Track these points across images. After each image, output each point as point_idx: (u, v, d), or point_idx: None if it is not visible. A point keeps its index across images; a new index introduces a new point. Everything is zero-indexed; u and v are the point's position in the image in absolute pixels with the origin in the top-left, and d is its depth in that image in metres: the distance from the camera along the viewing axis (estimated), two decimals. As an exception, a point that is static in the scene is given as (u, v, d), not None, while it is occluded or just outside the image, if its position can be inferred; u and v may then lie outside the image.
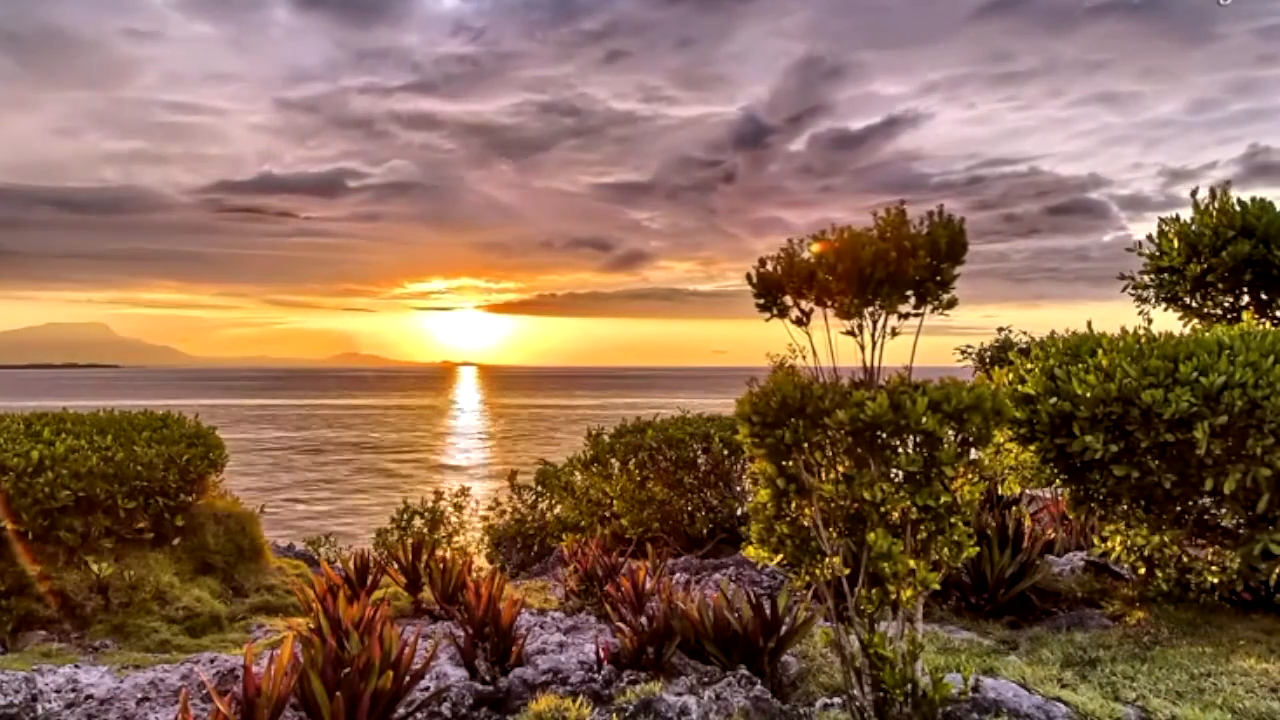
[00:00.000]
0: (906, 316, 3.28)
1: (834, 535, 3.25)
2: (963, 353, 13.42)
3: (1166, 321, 14.50)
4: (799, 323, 3.40)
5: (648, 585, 5.27)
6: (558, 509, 11.25)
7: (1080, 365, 4.93)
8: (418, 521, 11.40)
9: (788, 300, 3.40)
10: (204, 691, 4.03)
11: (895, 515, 3.15)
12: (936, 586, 3.11)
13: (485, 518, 11.95)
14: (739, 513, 9.15)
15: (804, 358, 3.40)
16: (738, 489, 9.27)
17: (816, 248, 3.29)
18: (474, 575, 5.96)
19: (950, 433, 3.10)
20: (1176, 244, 6.91)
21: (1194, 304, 7.04)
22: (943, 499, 3.09)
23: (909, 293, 3.24)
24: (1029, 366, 5.40)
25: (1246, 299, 6.79)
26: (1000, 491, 6.75)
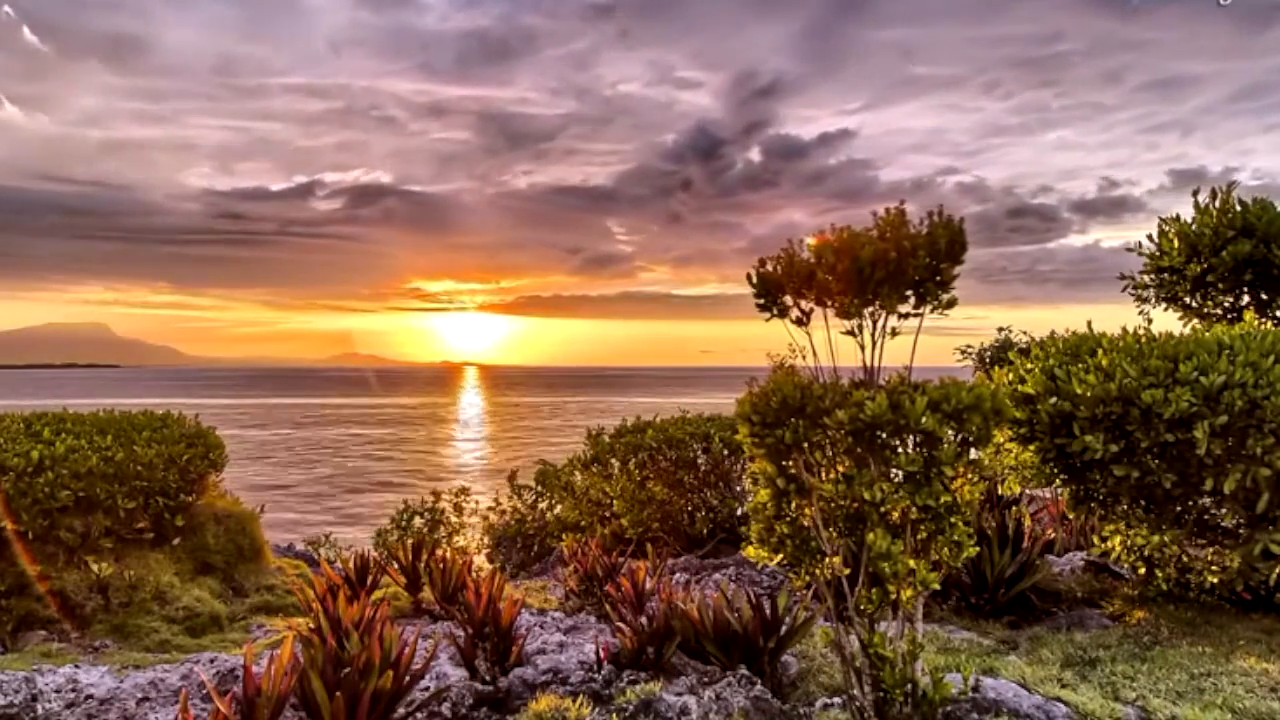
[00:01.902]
0: (906, 316, 3.28)
1: (834, 535, 3.25)
2: (963, 353, 13.44)
3: (1166, 321, 14.50)
4: (799, 323, 3.39)
5: (648, 585, 5.27)
6: (558, 509, 11.25)
7: (1080, 365, 4.93)
8: (418, 521, 11.41)
9: (788, 300, 3.40)
10: (204, 691, 4.03)
11: (895, 515, 3.15)
12: (936, 586, 3.11)
13: (485, 518, 11.96)
14: (739, 513, 9.15)
15: (804, 358, 3.40)
16: (738, 489, 9.27)
17: (814, 241, 3.29)
18: (474, 575, 5.96)
19: (950, 433, 3.09)
20: (1177, 244, 6.91)
21: (1194, 304, 7.04)
22: (943, 499, 3.08)
23: (909, 293, 3.24)
24: (1029, 366, 5.39)
25: (1246, 299, 6.79)
26: (1000, 491, 6.75)
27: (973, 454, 3.21)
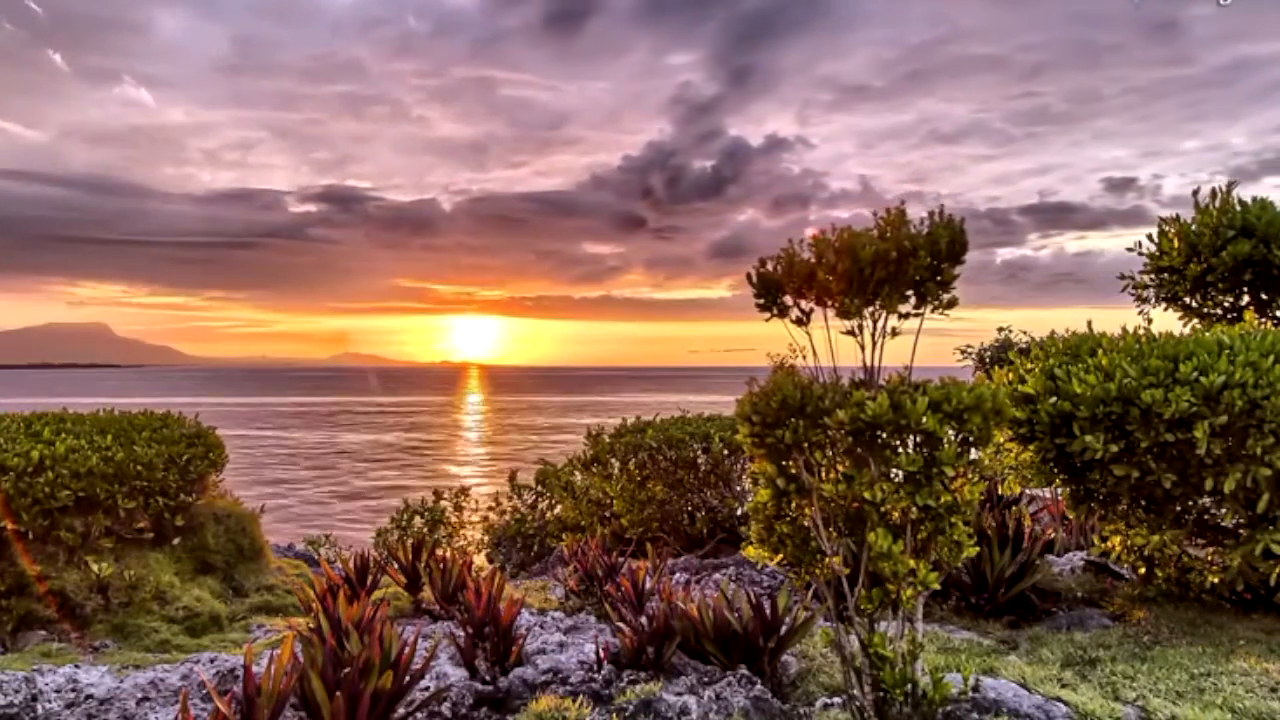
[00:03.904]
0: (906, 316, 3.28)
1: (834, 535, 3.25)
2: (963, 353, 13.46)
3: (1167, 321, 14.54)
4: (799, 323, 3.39)
5: (648, 585, 5.27)
6: (558, 509, 11.26)
7: (1080, 365, 4.93)
8: (418, 521, 11.42)
9: (788, 300, 3.40)
10: (204, 691, 4.03)
11: (895, 515, 3.15)
12: (936, 586, 3.11)
13: (485, 518, 11.97)
14: (739, 513, 9.16)
15: (804, 358, 3.40)
16: (738, 489, 9.27)
17: (811, 233, 3.29)
18: (474, 575, 5.96)
19: (950, 433, 3.09)
20: (1176, 244, 6.91)
21: (1194, 304, 7.04)
22: (943, 499, 3.08)
23: (909, 293, 3.24)
24: (1029, 366, 5.40)
25: (1246, 299, 6.79)
26: (1000, 491, 6.75)
27: (973, 454, 3.21)
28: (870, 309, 3.25)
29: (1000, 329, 13.50)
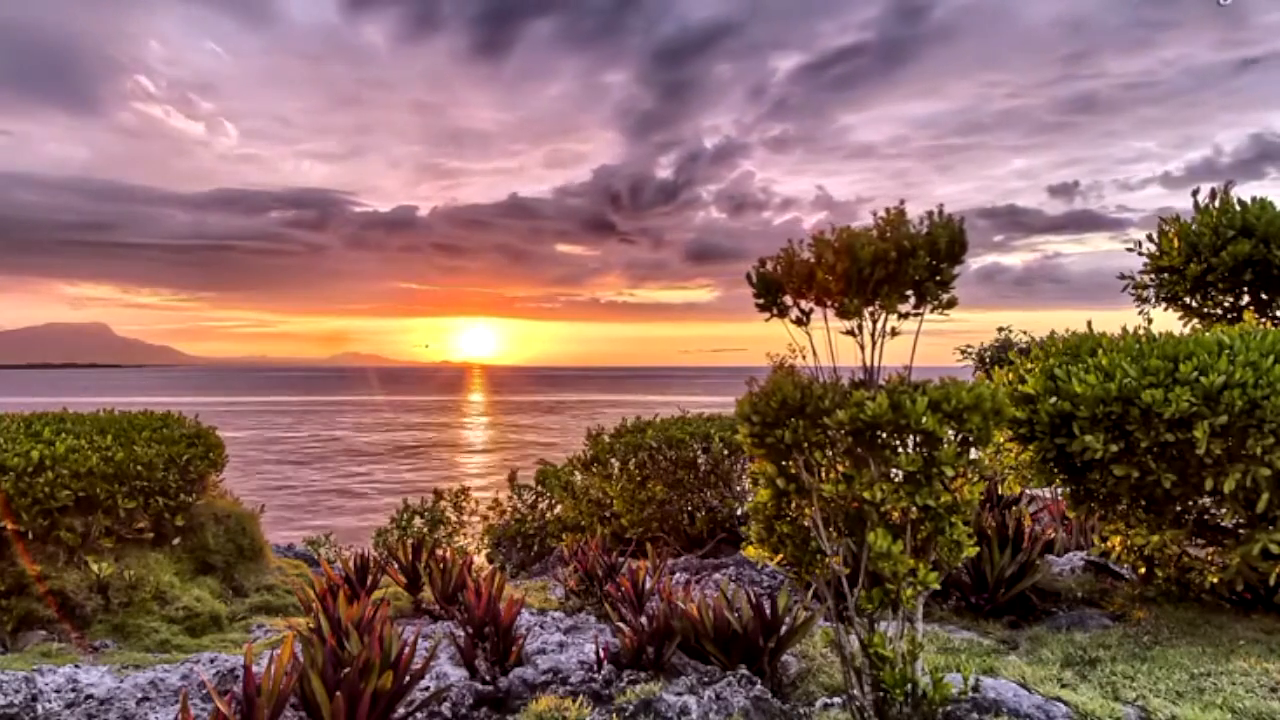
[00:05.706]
0: (906, 316, 3.28)
1: (834, 535, 3.25)
2: (963, 353, 13.47)
3: (1166, 321, 14.53)
4: (799, 323, 3.39)
5: (648, 585, 5.27)
6: (558, 509, 11.26)
7: (1080, 365, 4.93)
8: (418, 521, 11.42)
9: (787, 300, 3.40)
10: (204, 691, 4.03)
11: (895, 515, 3.15)
12: (936, 586, 3.11)
13: (485, 518, 11.97)
14: (739, 513, 9.16)
15: (804, 358, 3.40)
16: (738, 489, 9.27)
17: (811, 230, 3.30)
18: (474, 575, 5.96)
19: (950, 432, 3.09)
20: (1176, 244, 6.90)
21: (1194, 304, 7.04)
22: (943, 499, 3.08)
23: (909, 293, 3.24)
24: (1029, 366, 5.40)
25: (1246, 299, 6.79)
26: (1000, 491, 6.75)
27: (973, 454, 3.21)
28: (870, 309, 3.25)
29: (1000, 329, 13.52)
